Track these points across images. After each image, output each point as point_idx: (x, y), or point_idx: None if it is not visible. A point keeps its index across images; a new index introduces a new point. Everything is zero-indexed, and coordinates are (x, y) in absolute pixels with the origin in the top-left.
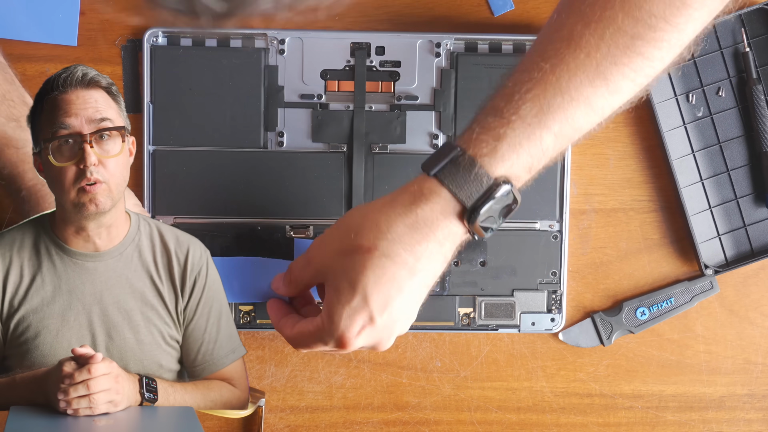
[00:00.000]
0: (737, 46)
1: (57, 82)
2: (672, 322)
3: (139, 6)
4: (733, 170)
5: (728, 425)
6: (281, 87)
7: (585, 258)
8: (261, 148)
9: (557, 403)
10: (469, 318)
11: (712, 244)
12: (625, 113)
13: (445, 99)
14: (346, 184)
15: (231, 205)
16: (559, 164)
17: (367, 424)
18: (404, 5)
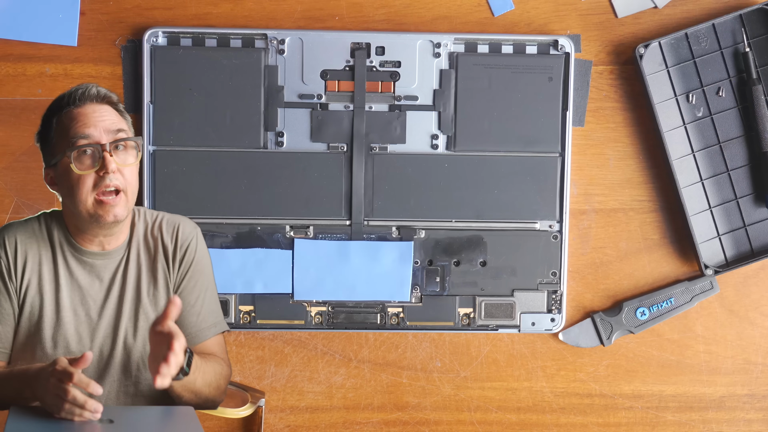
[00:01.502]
0: (737, 46)
1: (74, 96)
2: (672, 322)
3: (139, 6)
4: (733, 170)
5: (728, 425)
6: (281, 87)
7: (585, 258)
8: (261, 148)
9: (557, 403)
10: (469, 318)
11: (712, 244)
12: (625, 113)
13: (445, 99)
14: (345, 184)
15: (231, 205)
16: (559, 164)
17: (367, 424)
18: (404, 5)
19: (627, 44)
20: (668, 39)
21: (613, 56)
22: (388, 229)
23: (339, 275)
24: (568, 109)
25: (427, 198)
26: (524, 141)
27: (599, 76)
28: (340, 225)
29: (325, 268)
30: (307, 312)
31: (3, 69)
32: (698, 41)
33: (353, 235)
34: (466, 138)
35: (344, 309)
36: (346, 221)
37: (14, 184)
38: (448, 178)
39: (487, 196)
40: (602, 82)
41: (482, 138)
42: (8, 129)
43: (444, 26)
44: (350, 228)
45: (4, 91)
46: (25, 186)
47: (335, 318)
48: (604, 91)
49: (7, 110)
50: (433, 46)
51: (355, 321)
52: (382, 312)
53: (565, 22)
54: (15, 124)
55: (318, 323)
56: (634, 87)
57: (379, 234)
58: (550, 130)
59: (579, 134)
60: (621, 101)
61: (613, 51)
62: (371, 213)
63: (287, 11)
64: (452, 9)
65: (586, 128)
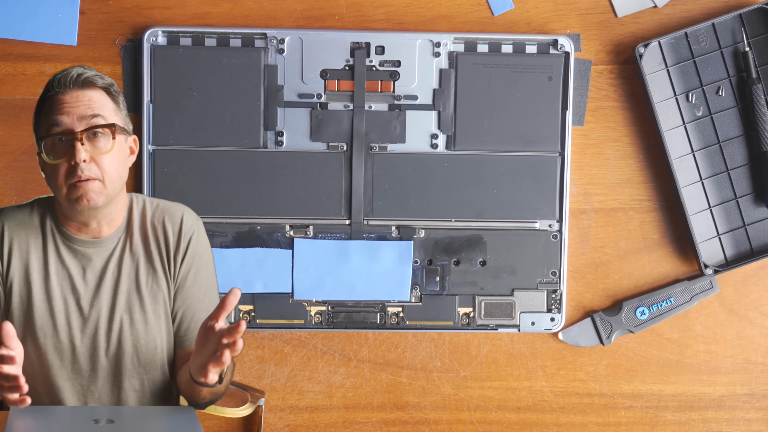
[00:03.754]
0: (737, 46)
1: (55, 82)
2: (672, 322)
3: (138, 5)
4: (732, 170)
5: (728, 425)
6: (281, 86)
7: (585, 258)
8: (260, 147)
9: (557, 402)
10: (468, 318)
11: (711, 243)
12: (625, 113)
13: (445, 99)
14: (345, 184)
15: (231, 205)
16: (558, 164)
17: (367, 423)
18: (404, 5)
19: (627, 44)
20: (668, 38)
21: (612, 56)
22: (388, 228)
23: (339, 275)
24: (568, 109)
25: (426, 197)
26: (524, 140)
27: (599, 75)
28: (340, 224)
29: (324, 267)
30: (306, 311)
31: (3, 68)
32: (698, 41)
33: (353, 235)
34: (466, 137)
35: (344, 308)
36: (345, 221)
37: (14, 183)
38: (447, 177)
39: (486, 195)
40: (602, 81)
41: (482, 137)
42: (8, 128)
43: (444, 26)
44: (350, 227)
45: (4, 91)
46: (25, 185)
47: (335, 317)
48: (603, 90)
49: (7, 110)
50: (433, 45)
51: (355, 320)
52: (382, 311)
53: (565, 21)
54: (15, 123)
55: (318, 323)
56: (633, 86)
57: (379, 233)
58: (550, 130)
59: (579, 134)
60: (621, 101)
61: (613, 50)
62: (371, 212)
63: (287, 11)
64: (452, 8)
65: (586, 128)
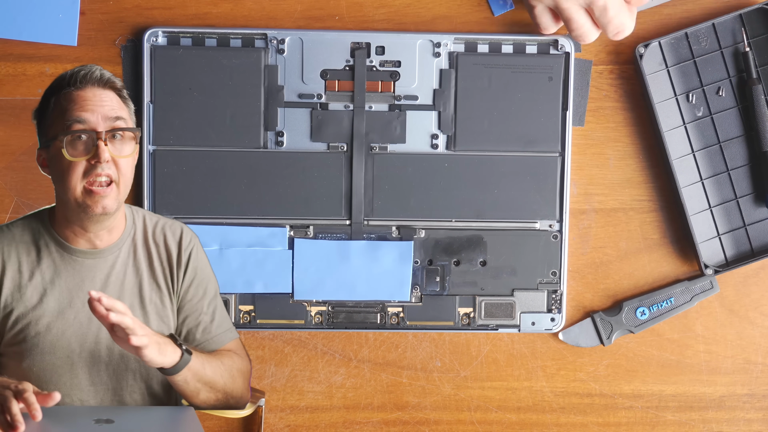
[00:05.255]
0: (737, 46)
1: (75, 77)
2: (672, 322)
3: (139, 6)
4: (733, 170)
5: (728, 425)
6: (281, 87)
7: (585, 258)
8: (261, 147)
9: (557, 402)
10: (469, 318)
11: (712, 243)
12: (625, 113)
13: (445, 99)
14: (345, 184)
15: (231, 205)
16: (559, 164)
17: (367, 423)
18: (404, 5)
19: (627, 44)
20: (668, 39)
21: (612, 56)
22: (388, 228)
23: (339, 275)
24: (568, 109)
25: (427, 198)
26: (524, 141)
27: (599, 75)
28: (340, 225)
29: (325, 267)
30: (307, 312)
31: (3, 69)
32: (698, 41)
33: (353, 235)
34: (466, 138)
35: (344, 309)
36: (346, 221)
37: (14, 183)
38: (448, 177)
39: (487, 195)
40: (602, 81)
41: (482, 138)
42: (8, 129)
43: (444, 26)
44: (350, 228)
45: (4, 91)
46: (25, 186)
47: (335, 318)
48: (604, 90)
49: (7, 110)
50: (433, 45)
51: (355, 321)
52: (382, 312)
53: None
54: (15, 123)
55: (318, 323)
56: (634, 87)
57: (379, 234)
58: (550, 130)
59: (579, 134)
60: (621, 101)
61: (613, 51)
62: (371, 213)
63: (287, 11)
64: (452, 9)
65: (586, 128)
